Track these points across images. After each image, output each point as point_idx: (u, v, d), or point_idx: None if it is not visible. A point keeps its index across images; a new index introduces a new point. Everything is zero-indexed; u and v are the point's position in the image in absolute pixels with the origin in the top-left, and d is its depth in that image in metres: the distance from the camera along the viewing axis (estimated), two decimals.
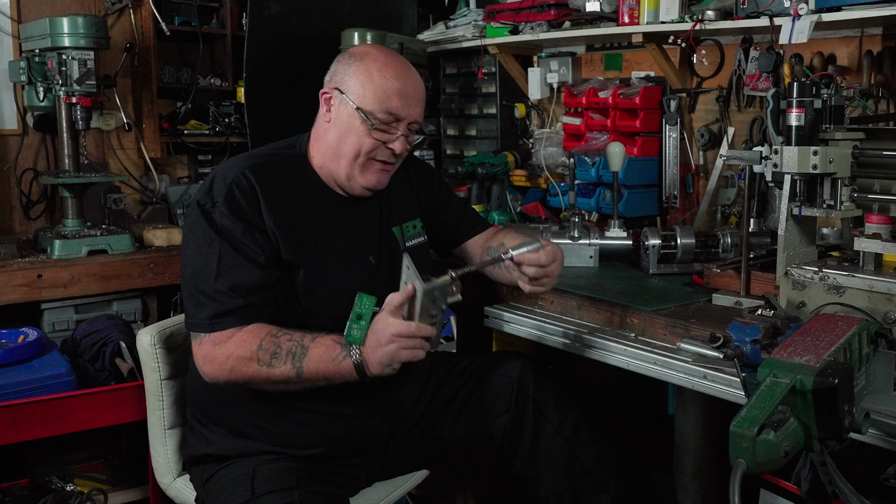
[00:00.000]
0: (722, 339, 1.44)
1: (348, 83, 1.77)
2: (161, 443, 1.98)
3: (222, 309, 1.66)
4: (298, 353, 1.63)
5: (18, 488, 2.51)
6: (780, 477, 1.65)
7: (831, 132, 1.65)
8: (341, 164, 1.80)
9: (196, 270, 1.70)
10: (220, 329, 1.66)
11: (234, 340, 1.66)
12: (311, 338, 1.65)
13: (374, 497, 1.93)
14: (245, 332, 1.66)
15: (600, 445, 1.95)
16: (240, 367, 1.65)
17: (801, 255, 1.72)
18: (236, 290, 1.67)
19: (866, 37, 2.26)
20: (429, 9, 3.51)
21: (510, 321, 2.09)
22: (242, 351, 1.65)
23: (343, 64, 1.81)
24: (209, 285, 1.67)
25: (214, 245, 1.68)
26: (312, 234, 1.78)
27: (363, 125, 1.76)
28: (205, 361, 1.68)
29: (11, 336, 2.51)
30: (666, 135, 2.70)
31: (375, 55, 1.79)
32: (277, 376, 1.64)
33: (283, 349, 1.64)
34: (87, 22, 2.83)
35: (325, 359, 1.63)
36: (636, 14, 2.53)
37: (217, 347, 1.66)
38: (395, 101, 1.76)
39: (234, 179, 1.73)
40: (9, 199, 3.16)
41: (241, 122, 3.40)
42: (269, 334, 1.66)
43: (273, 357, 1.64)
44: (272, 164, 1.81)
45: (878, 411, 1.34)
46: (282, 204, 1.75)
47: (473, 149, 3.37)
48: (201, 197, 1.74)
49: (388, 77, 1.76)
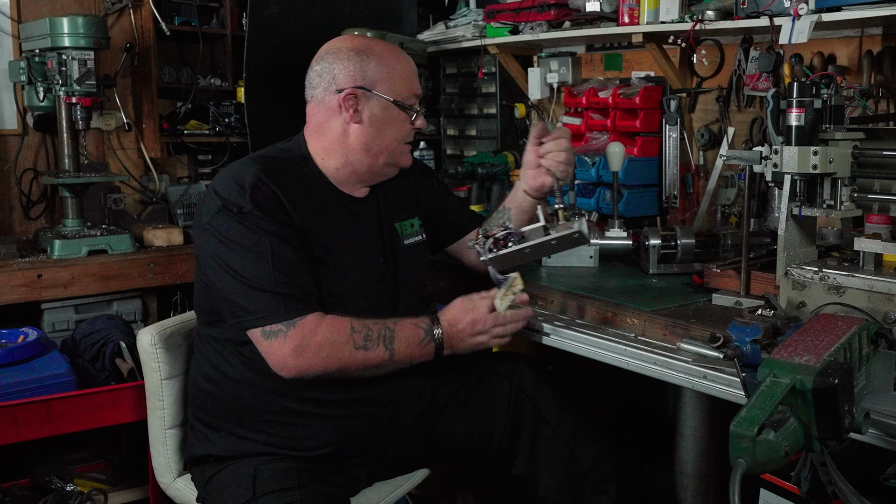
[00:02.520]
0: (722, 339, 1.43)
1: (373, 80, 1.79)
2: (161, 443, 1.98)
3: (294, 295, 1.65)
4: (388, 337, 1.68)
5: (18, 488, 2.51)
6: (780, 477, 1.65)
7: (831, 132, 1.65)
8: (379, 158, 1.83)
9: (248, 269, 1.65)
10: (301, 315, 1.64)
11: (326, 326, 1.65)
12: (394, 322, 1.72)
13: (374, 497, 1.93)
14: (331, 319, 1.67)
15: (600, 446, 1.94)
16: (336, 352, 1.65)
17: (801, 255, 1.72)
18: (297, 279, 1.66)
19: (866, 37, 2.26)
20: (429, 9, 3.51)
21: None
22: (336, 336, 1.65)
23: (354, 62, 1.79)
24: (270, 278, 1.64)
25: (264, 240, 1.66)
26: (332, 234, 1.78)
27: (402, 114, 1.82)
28: (295, 354, 1.64)
29: (11, 336, 2.52)
30: (666, 135, 2.70)
31: (376, 45, 1.84)
32: (373, 360, 1.67)
33: (373, 332, 1.68)
34: (87, 22, 2.84)
35: (413, 342, 1.72)
36: (636, 14, 2.53)
37: (309, 336, 1.64)
38: (415, 81, 1.85)
39: (252, 183, 1.70)
40: (9, 199, 3.16)
41: (241, 122, 3.40)
42: (352, 319, 1.68)
43: (366, 340, 1.66)
44: (279, 166, 1.79)
45: (878, 411, 1.34)
46: (301, 204, 1.74)
47: (473, 149, 3.37)
48: (226, 202, 1.69)
49: (402, 62, 1.84)
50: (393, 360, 1.70)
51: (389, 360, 1.70)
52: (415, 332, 1.73)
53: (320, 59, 1.83)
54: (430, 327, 1.75)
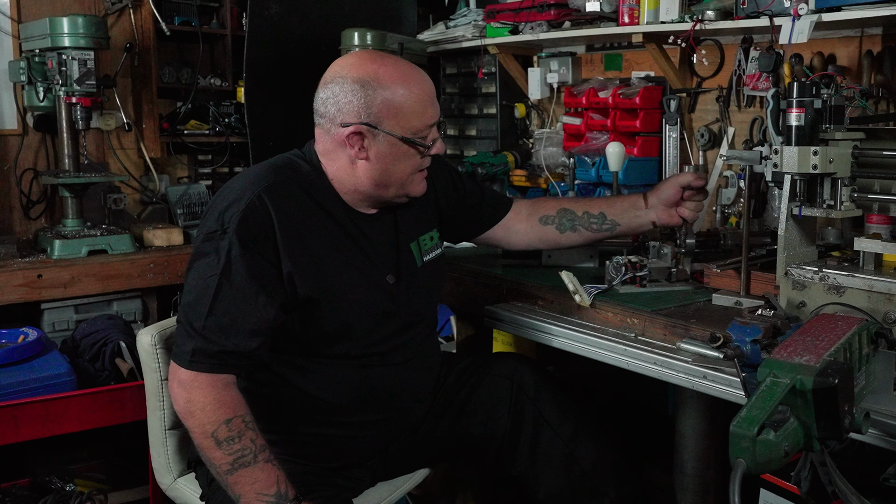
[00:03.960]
0: (722, 339, 1.43)
1: (379, 116, 1.65)
2: (161, 443, 1.98)
3: (207, 348, 1.58)
4: (244, 461, 1.57)
5: (18, 488, 2.51)
6: (780, 477, 1.65)
7: (831, 132, 1.65)
8: (390, 190, 1.73)
9: (191, 300, 1.61)
10: (199, 370, 1.58)
11: (214, 398, 1.58)
12: (266, 457, 1.58)
13: (375, 497, 1.93)
14: (229, 396, 1.59)
15: (600, 447, 1.94)
16: (197, 422, 1.58)
17: (801, 255, 1.72)
18: (226, 330, 1.58)
19: (866, 37, 2.26)
20: (429, 9, 3.51)
21: (510, 321, 2.09)
22: (211, 414, 1.57)
23: (357, 94, 1.65)
24: (199, 320, 1.58)
25: (215, 278, 1.58)
26: (331, 258, 1.70)
27: (412, 149, 1.70)
28: (179, 386, 1.60)
29: (11, 336, 2.52)
30: (666, 135, 2.70)
31: (385, 71, 1.66)
32: (214, 456, 1.58)
33: (240, 443, 1.57)
34: (87, 22, 2.83)
35: (256, 488, 1.56)
36: (636, 14, 2.53)
37: (195, 389, 1.59)
38: (430, 109, 1.70)
39: (248, 204, 1.61)
40: (9, 199, 3.16)
41: (241, 122, 3.40)
42: (242, 418, 1.59)
43: (227, 441, 1.57)
44: (289, 180, 1.69)
45: (878, 411, 1.34)
46: (299, 229, 1.65)
47: (473, 149, 3.37)
48: (212, 222, 1.63)
49: (413, 89, 1.67)
50: (227, 477, 1.57)
51: (222, 474, 1.57)
52: (269, 484, 1.57)
53: (326, 85, 1.70)
54: (284, 498, 1.58)
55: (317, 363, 1.74)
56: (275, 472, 1.58)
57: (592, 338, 1.88)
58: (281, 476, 1.58)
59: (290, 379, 1.74)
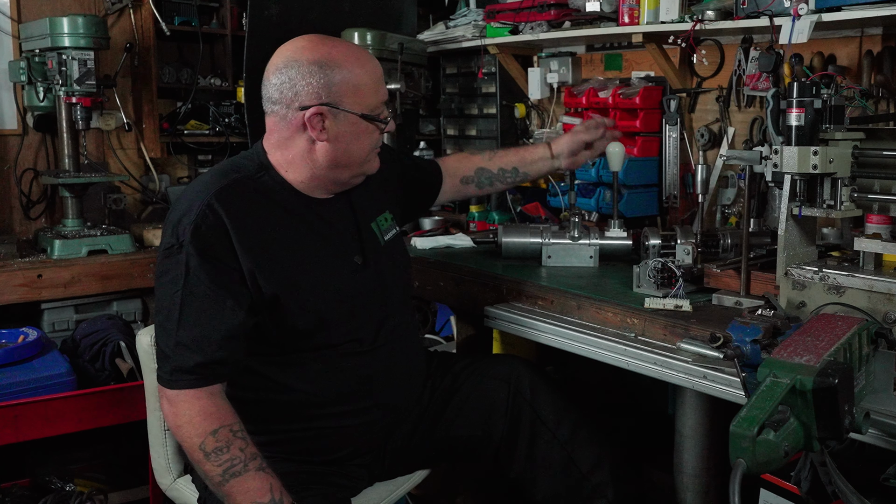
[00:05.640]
0: (722, 339, 1.44)
1: (339, 95, 1.68)
2: (161, 443, 1.98)
3: (183, 364, 1.59)
4: (234, 470, 1.56)
5: (18, 488, 2.51)
6: (780, 477, 1.65)
7: (831, 132, 1.65)
8: (349, 170, 1.76)
9: (161, 320, 1.63)
10: (180, 388, 1.59)
11: (199, 410, 1.58)
12: (257, 465, 1.57)
13: (374, 497, 1.93)
14: (214, 406, 1.60)
15: (598, 449, 1.92)
16: (186, 436, 1.59)
17: (801, 255, 1.72)
18: (199, 342, 1.59)
19: (866, 37, 2.26)
20: (429, 9, 3.51)
21: (510, 321, 2.09)
22: (198, 426, 1.58)
23: (316, 76, 1.66)
24: (171, 338, 1.60)
25: (178, 294, 1.60)
26: (294, 251, 1.71)
27: (371, 125, 1.74)
28: (167, 402, 1.62)
29: (11, 336, 2.52)
30: (666, 135, 2.71)
31: (338, 52, 1.70)
32: (205, 469, 1.58)
33: (228, 453, 1.57)
34: (87, 22, 2.84)
35: (250, 498, 1.55)
36: (636, 14, 2.53)
37: (180, 403, 1.60)
38: (382, 87, 1.76)
39: (199, 212, 1.61)
40: (9, 199, 3.16)
41: (241, 122, 3.40)
42: (230, 427, 1.59)
43: (215, 452, 1.57)
44: (237, 182, 1.70)
45: (878, 411, 1.34)
46: (255, 228, 1.66)
47: (473, 149, 3.37)
48: (168, 237, 1.64)
49: (367, 68, 1.72)
50: (220, 488, 1.56)
51: (215, 486, 1.58)
52: (262, 492, 1.55)
53: (278, 70, 1.70)
54: None
55: (299, 358, 1.74)
56: (268, 480, 1.57)
57: (592, 338, 1.88)
58: (275, 483, 1.58)
59: (274, 378, 1.74)
